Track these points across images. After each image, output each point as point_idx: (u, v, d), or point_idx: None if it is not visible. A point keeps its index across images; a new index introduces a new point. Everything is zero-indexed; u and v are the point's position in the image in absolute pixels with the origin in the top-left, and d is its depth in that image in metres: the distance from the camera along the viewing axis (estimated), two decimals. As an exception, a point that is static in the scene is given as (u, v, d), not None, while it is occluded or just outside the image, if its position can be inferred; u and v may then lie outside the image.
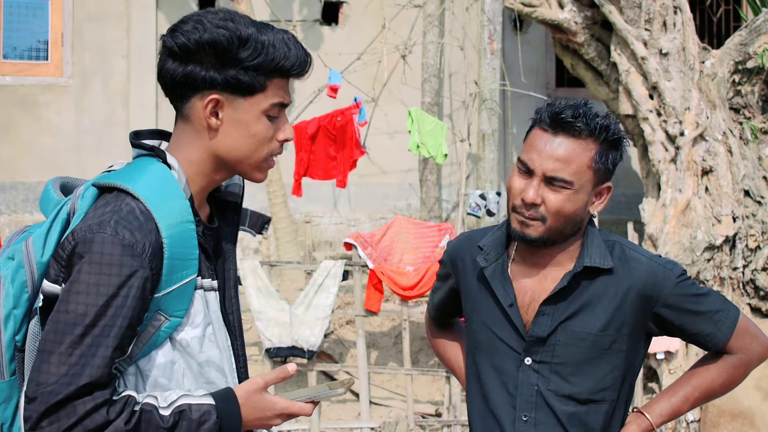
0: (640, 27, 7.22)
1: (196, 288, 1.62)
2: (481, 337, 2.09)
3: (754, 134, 7.34)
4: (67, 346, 1.47)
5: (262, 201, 8.47)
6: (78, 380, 1.46)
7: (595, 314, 1.98)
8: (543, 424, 2.00)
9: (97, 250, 1.50)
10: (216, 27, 1.58)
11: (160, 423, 1.50)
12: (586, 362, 1.98)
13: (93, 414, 1.46)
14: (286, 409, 1.64)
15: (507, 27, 8.98)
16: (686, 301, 2.01)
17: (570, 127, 1.94)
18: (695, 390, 2.06)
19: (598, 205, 2.01)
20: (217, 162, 1.66)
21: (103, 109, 8.82)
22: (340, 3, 9.32)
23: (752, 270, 6.87)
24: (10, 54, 8.81)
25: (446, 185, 9.12)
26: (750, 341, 2.06)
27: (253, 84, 1.61)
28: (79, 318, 1.48)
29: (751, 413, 6.24)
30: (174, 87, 1.62)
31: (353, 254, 6.59)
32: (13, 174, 8.58)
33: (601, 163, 1.96)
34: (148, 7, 8.90)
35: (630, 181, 9.48)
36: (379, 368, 6.73)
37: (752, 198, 7.01)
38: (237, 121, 1.63)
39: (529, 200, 1.94)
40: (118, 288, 1.49)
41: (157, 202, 1.56)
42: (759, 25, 7.23)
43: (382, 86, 8.40)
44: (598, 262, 1.98)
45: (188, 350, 1.61)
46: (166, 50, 1.61)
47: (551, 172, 1.93)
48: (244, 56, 1.59)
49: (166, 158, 1.63)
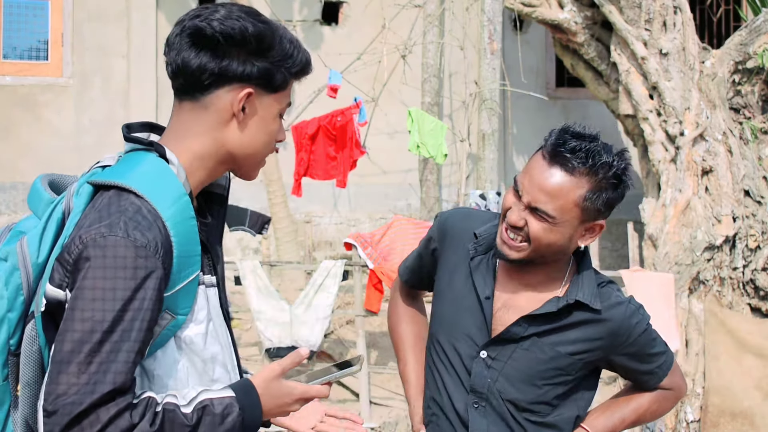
0: (640, 27, 7.21)
1: (199, 284, 1.59)
2: (446, 316, 2.12)
3: (754, 134, 7.34)
4: (86, 355, 1.42)
5: (262, 201, 8.47)
6: (101, 388, 1.41)
7: (568, 337, 2.03)
8: (491, 416, 2.04)
9: (110, 254, 1.45)
10: (256, 20, 1.57)
11: (185, 421, 1.47)
12: (537, 375, 2.03)
13: (117, 419, 1.42)
14: (305, 393, 1.63)
15: (507, 27, 8.97)
16: (646, 346, 2.09)
17: (566, 161, 1.91)
18: (632, 414, 2.16)
19: (587, 239, 2.00)
20: (224, 155, 1.63)
21: (103, 109, 8.82)
22: (340, 3, 9.32)
23: (752, 270, 6.87)
24: (10, 54, 8.81)
25: (446, 185, 9.11)
26: (680, 380, 2.19)
27: (282, 82, 1.61)
28: (97, 324, 1.43)
29: (751, 413, 6.24)
30: (202, 77, 1.56)
31: (353, 254, 6.58)
32: (13, 174, 8.58)
33: (591, 202, 1.92)
34: (148, 7, 8.90)
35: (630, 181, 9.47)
36: (379, 368, 6.73)
37: (752, 198, 7.01)
38: (260, 117, 1.62)
39: (512, 222, 1.96)
40: (135, 291, 1.45)
41: (161, 200, 1.52)
42: (759, 25, 7.23)
43: (382, 86, 8.40)
44: (589, 301, 2.01)
45: (192, 347, 1.59)
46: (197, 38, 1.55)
47: (534, 202, 1.93)
48: (280, 53, 1.59)
49: (164, 153, 1.58)
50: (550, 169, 1.92)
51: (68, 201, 1.59)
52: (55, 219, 1.58)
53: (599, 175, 1.91)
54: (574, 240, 1.98)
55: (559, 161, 1.91)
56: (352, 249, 6.53)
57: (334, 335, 7.31)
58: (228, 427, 1.51)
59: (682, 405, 6.43)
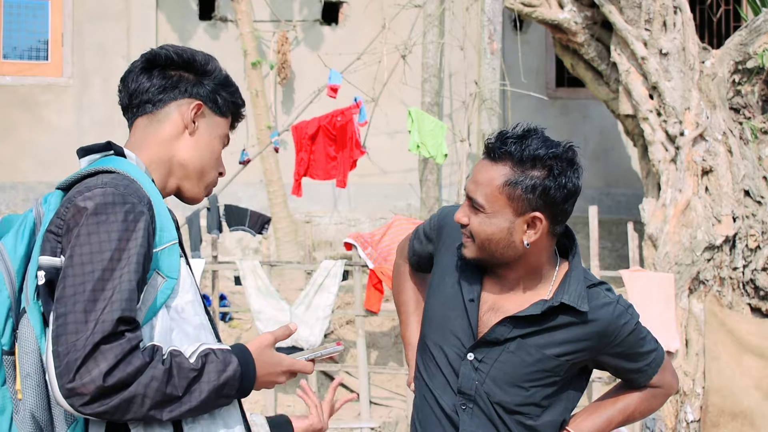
0: (640, 27, 7.22)
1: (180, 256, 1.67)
2: (436, 315, 2.13)
3: (754, 134, 7.34)
4: (90, 292, 1.48)
5: (262, 201, 8.47)
6: (111, 316, 1.46)
7: (554, 339, 2.02)
8: (479, 418, 2.04)
9: (100, 201, 1.53)
10: (201, 53, 1.81)
11: (191, 365, 1.53)
12: (524, 376, 2.02)
13: (129, 356, 1.46)
14: (292, 366, 1.71)
15: (507, 27, 8.97)
16: (635, 345, 2.08)
17: (490, 150, 1.97)
18: (619, 414, 2.15)
19: (531, 236, 1.97)
20: (174, 168, 1.76)
21: (103, 109, 8.82)
22: (340, 3, 9.32)
23: (752, 270, 6.87)
24: (10, 54, 8.81)
25: (446, 185, 9.11)
26: (670, 378, 2.17)
27: (225, 108, 1.81)
28: (97, 263, 1.49)
29: (751, 413, 6.24)
30: (157, 92, 1.75)
31: (353, 254, 6.58)
32: (13, 174, 8.59)
33: (513, 188, 1.93)
34: (148, 7, 8.90)
35: (630, 181, 9.48)
36: (379, 368, 6.73)
37: (752, 198, 7.01)
38: (207, 134, 1.79)
39: (456, 219, 2.02)
40: (127, 231, 1.53)
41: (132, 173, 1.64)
42: (759, 25, 7.23)
43: (382, 86, 8.40)
44: (575, 303, 2.00)
45: (183, 315, 1.63)
46: (154, 60, 1.76)
47: (469, 192, 1.99)
48: (222, 82, 1.81)
49: (122, 151, 1.70)
50: (483, 161, 1.99)
51: (37, 210, 1.66)
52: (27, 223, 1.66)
53: (524, 162, 1.92)
54: (516, 235, 1.97)
55: (488, 152, 1.97)
56: (352, 249, 6.53)
57: (334, 335, 7.31)
58: (230, 374, 1.57)
59: (682, 405, 6.43)
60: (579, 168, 1.98)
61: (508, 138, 1.94)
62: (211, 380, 1.54)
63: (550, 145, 1.94)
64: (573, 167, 1.96)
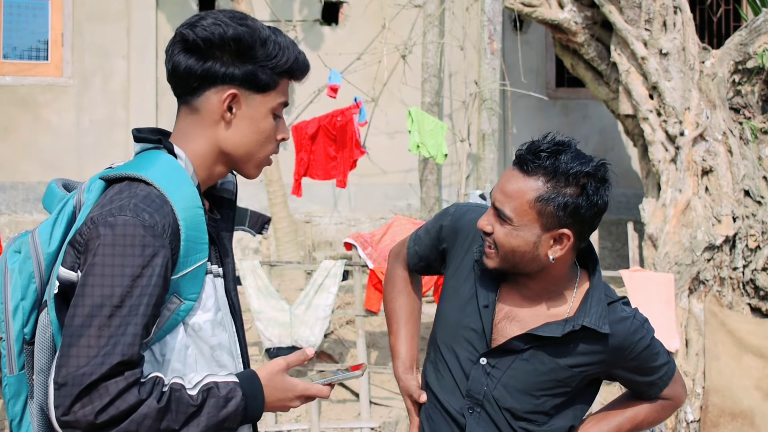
0: (640, 27, 7.21)
1: (207, 273, 1.65)
2: (450, 319, 2.11)
3: (754, 134, 7.34)
4: (96, 328, 1.47)
5: (262, 201, 8.47)
6: (110, 359, 1.46)
7: (569, 351, 2.01)
8: (486, 422, 2.04)
9: (119, 233, 1.51)
10: (237, 24, 1.64)
11: (190, 401, 1.52)
12: (534, 384, 2.01)
13: (125, 393, 1.47)
14: (306, 390, 1.69)
15: (507, 27, 8.97)
16: (649, 359, 2.08)
17: (523, 162, 1.92)
18: (627, 422, 2.14)
19: (557, 251, 1.95)
20: (220, 156, 1.71)
21: (103, 109, 8.82)
22: (340, 3, 9.32)
23: (752, 270, 6.86)
24: (10, 54, 8.81)
25: (446, 185, 9.11)
26: (681, 390, 2.17)
27: (269, 82, 1.68)
28: (106, 299, 1.48)
29: (751, 413, 6.24)
30: (189, 80, 1.66)
31: (353, 254, 6.58)
32: (13, 174, 8.58)
33: (545, 204, 1.90)
34: (148, 7, 8.90)
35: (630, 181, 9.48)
36: (379, 368, 6.73)
37: (752, 198, 7.01)
38: (248, 117, 1.69)
39: (479, 226, 1.99)
40: (143, 268, 1.50)
41: (169, 187, 1.59)
42: (759, 25, 7.23)
43: (382, 86, 8.40)
44: (597, 326, 1.98)
45: (200, 334, 1.63)
46: (184, 44, 1.65)
47: (497, 203, 1.95)
48: (262, 55, 1.66)
49: (173, 149, 1.66)
50: (512, 171, 1.95)
51: (79, 196, 1.66)
52: (66, 212, 1.65)
53: (557, 178, 1.89)
54: (542, 249, 1.94)
55: (520, 164, 1.93)
56: (352, 249, 6.53)
57: (334, 335, 7.31)
58: (231, 410, 1.56)
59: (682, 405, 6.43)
60: (610, 185, 1.96)
61: (541, 151, 1.90)
62: (210, 415, 1.54)
63: (584, 162, 1.91)
64: (605, 185, 1.94)
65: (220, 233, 1.77)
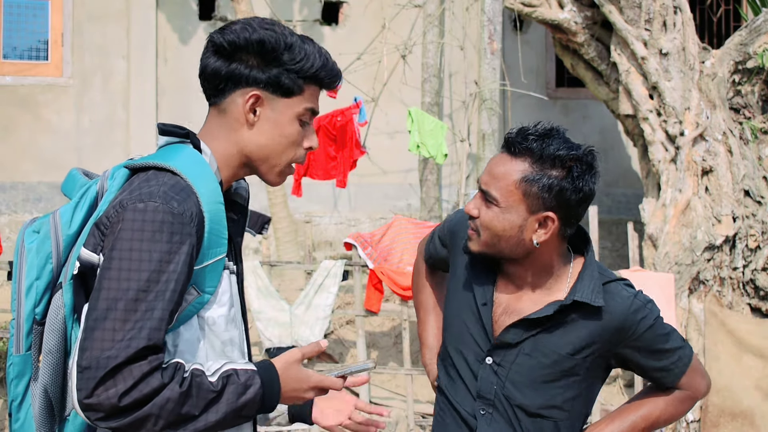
0: (640, 27, 7.21)
1: (224, 268, 1.66)
2: (454, 321, 2.13)
3: (754, 134, 7.34)
4: (122, 312, 1.48)
5: (262, 201, 8.47)
6: (136, 343, 1.47)
7: (568, 337, 2.00)
8: (498, 423, 2.03)
9: (149, 218, 1.52)
10: (264, 29, 1.68)
11: (210, 387, 1.53)
12: (542, 378, 2.00)
13: (149, 377, 1.47)
14: (320, 382, 1.70)
15: (507, 27, 8.98)
16: (656, 341, 2.03)
17: (509, 144, 1.95)
18: (643, 420, 2.09)
19: (541, 235, 1.96)
20: (243, 158, 1.72)
21: (103, 109, 8.82)
22: (340, 3, 9.32)
23: (752, 270, 6.87)
24: (10, 54, 8.81)
25: (446, 185, 9.12)
26: (700, 379, 2.11)
27: (293, 86, 1.69)
28: (133, 283, 1.49)
29: (751, 413, 6.24)
30: (217, 81, 1.69)
31: (353, 254, 6.58)
32: (13, 174, 8.58)
33: (530, 185, 1.91)
34: (148, 7, 8.90)
35: (630, 181, 9.48)
36: (379, 368, 6.73)
37: (752, 198, 7.01)
38: (272, 120, 1.70)
39: (466, 210, 2.01)
40: (170, 254, 1.52)
41: (196, 179, 1.61)
42: (759, 25, 7.23)
43: (382, 86, 8.40)
44: (589, 299, 1.97)
45: (213, 328, 1.64)
46: (213, 46, 1.69)
47: (483, 185, 1.98)
48: (287, 59, 1.68)
49: (199, 144, 1.68)
50: (501, 155, 1.98)
51: (102, 183, 1.67)
52: (89, 197, 1.67)
53: (544, 160, 1.91)
54: (527, 233, 1.95)
55: (508, 146, 1.96)
56: (352, 249, 6.53)
57: (334, 335, 7.30)
58: (249, 396, 1.57)
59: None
60: (597, 173, 1.97)
61: (530, 134, 1.93)
62: (229, 401, 1.55)
63: (571, 146, 1.94)
64: (591, 171, 1.95)
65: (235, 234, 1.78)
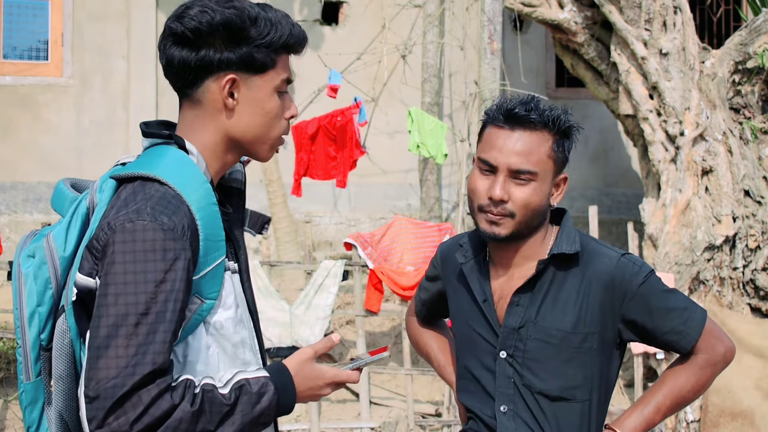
0: (640, 27, 7.22)
1: (225, 269, 1.63)
2: (463, 333, 2.14)
3: (754, 134, 7.34)
4: (123, 338, 1.44)
5: (262, 201, 8.47)
6: (141, 369, 1.43)
7: (565, 311, 2.00)
8: (520, 417, 2.02)
9: (139, 238, 1.48)
10: (224, 8, 1.60)
11: (223, 400, 1.50)
12: (556, 359, 2.00)
13: (158, 401, 1.44)
14: (336, 377, 1.68)
15: (507, 27, 8.98)
16: (655, 297, 2.00)
17: (525, 121, 1.98)
18: (666, 399, 2.03)
19: (557, 197, 2.05)
20: (229, 143, 1.67)
21: (103, 109, 8.82)
22: (340, 3, 9.32)
23: (752, 270, 6.87)
24: (10, 54, 8.81)
25: (446, 185, 9.12)
26: (715, 342, 2.04)
27: (266, 61, 1.64)
28: (131, 307, 1.45)
29: (751, 413, 6.24)
30: (185, 73, 1.62)
31: (353, 254, 6.58)
32: (13, 174, 8.58)
33: (559, 152, 2.01)
34: (148, 7, 8.90)
35: (630, 181, 9.48)
36: (379, 368, 6.73)
37: (752, 198, 7.01)
38: (252, 100, 1.65)
39: (497, 197, 1.97)
40: (166, 273, 1.47)
41: (184, 186, 1.56)
42: (759, 25, 7.23)
43: (382, 86, 8.40)
44: (565, 249, 2.01)
45: (222, 332, 1.61)
46: (174, 37, 1.61)
47: (515, 165, 1.96)
48: (255, 34, 1.62)
49: (184, 144, 1.63)
50: (514, 133, 1.98)
51: (92, 197, 1.63)
52: (80, 214, 1.62)
53: (556, 126, 1.99)
54: (550, 199, 2.04)
55: (519, 123, 1.98)
56: (352, 249, 6.53)
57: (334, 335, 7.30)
58: (264, 405, 1.54)
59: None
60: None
61: (529, 107, 1.98)
62: (244, 413, 1.52)
63: (559, 108, 2.04)
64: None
65: (233, 227, 1.74)
